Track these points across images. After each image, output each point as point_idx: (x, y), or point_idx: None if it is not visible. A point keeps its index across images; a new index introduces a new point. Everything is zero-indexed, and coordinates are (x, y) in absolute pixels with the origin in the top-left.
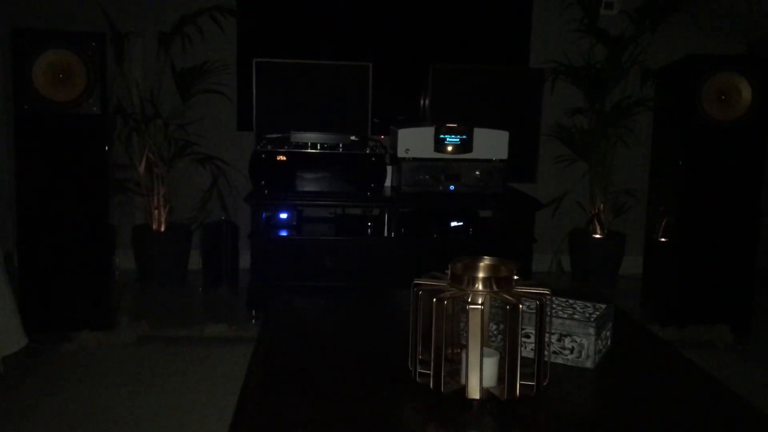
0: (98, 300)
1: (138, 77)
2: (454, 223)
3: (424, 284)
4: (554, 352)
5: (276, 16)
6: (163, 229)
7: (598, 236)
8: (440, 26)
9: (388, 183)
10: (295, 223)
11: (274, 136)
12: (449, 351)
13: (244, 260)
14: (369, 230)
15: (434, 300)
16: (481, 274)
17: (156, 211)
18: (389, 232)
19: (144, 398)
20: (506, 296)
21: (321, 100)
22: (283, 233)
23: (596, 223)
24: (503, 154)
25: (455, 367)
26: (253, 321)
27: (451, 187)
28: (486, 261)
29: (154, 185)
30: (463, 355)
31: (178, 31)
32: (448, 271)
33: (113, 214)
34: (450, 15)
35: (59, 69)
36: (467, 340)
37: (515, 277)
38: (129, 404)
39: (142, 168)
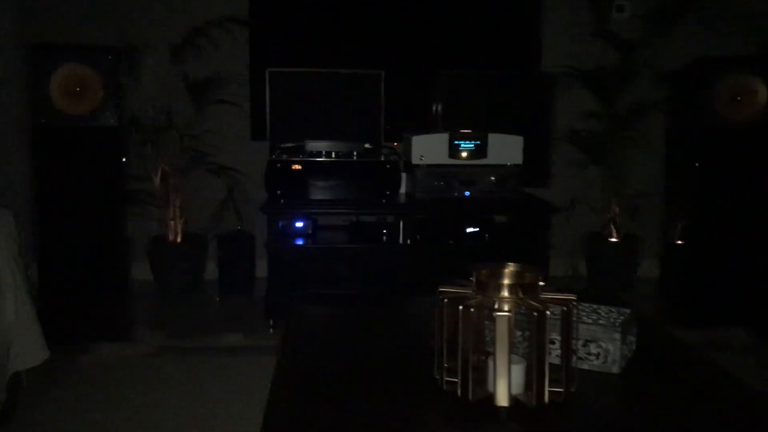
0: (116, 311)
1: (152, 89)
2: (469, 229)
3: (449, 291)
4: (579, 358)
5: (288, 26)
6: (179, 239)
7: (613, 240)
8: (451, 32)
9: (402, 190)
10: (310, 231)
11: (288, 145)
12: (474, 358)
13: (260, 269)
14: (384, 237)
15: (460, 307)
16: (506, 281)
17: (172, 222)
18: (404, 239)
19: (163, 409)
20: (533, 303)
21: (334, 109)
22: (299, 242)
23: (611, 227)
24: (518, 158)
25: (481, 375)
26: (271, 330)
27: (466, 193)
28: (511, 268)
29: (169, 196)
30: (489, 363)
31: (191, 42)
32: (473, 278)
33: (129, 226)
34: (460, 21)
35: (75, 82)
36: (494, 348)
37: (541, 284)
38: (149, 415)
39: (157, 179)
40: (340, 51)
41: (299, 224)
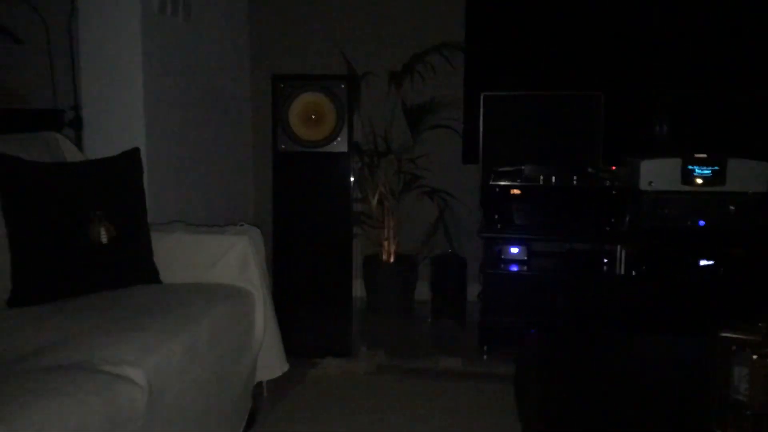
0: (340, 328)
1: (372, 115)
2: (702, 262)
3: (732, 338)
4: None
5: (503, 49)
6: (391, 259)
7: None
8: (676, 48)
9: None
10: (525, 258)
11: (504, 169)
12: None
13: (470, 293)
14: (605, 268)
15: (754, 357)
16: None
17: (386, 242)
18: (628, 270)
19: (388, 429)
20: None
21: (549, 132)
22: (514, 268)
23: None
24: (761, 186)
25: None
26: (485, 357)
27: (701, 223)
28: None
29: (384, 217)
30: None
31: (409, 69)
32: (762, 324)
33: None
34: (687, 35)
35: (313, 110)
36: None
37: None
38: None
39: (374, 201)
40: (556, 73)
41: (514, 250)
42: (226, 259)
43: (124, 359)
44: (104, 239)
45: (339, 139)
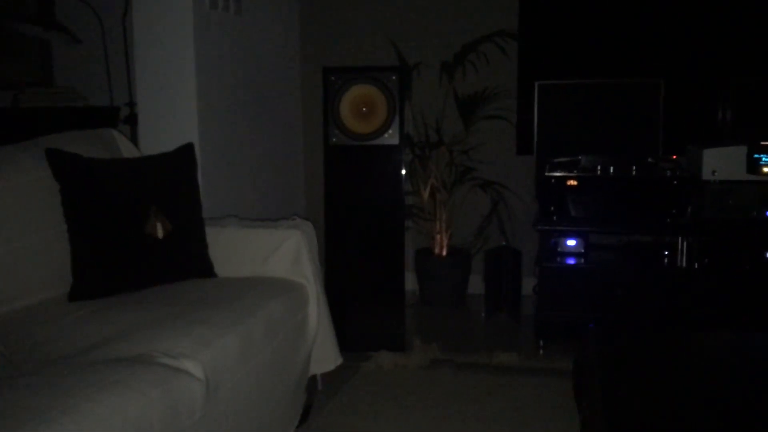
0: (393, 321)
1: (423, 106)
2: None
3: None
4: None
5: (558, 37)
6: (444, 253)
7: None
8: (740, 32)
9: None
10: (582, 250)
11: (561, 159)
12: None
13: (525, 287)
14: (666, 261)
15: None
16: None
17: (438, 236)
18: (690, 263)
19: (444, 424)
20: None
21: (606, 121)
22: (570, 261)
23: None
24: None
25: None
26: (541, 352)
27: None
28: None
29: (436, 210)
30: None
31: (461, 59)
32: None
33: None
34: (752, 17)
35: (363, 102)
36: None
37: None
38: (431, 429)
39: (426, 194)
40: (613, 60)
41: (571, 242)
42: (279, 253)
43: (182, 352)
44: (160, 234)
45: (390, 131)
